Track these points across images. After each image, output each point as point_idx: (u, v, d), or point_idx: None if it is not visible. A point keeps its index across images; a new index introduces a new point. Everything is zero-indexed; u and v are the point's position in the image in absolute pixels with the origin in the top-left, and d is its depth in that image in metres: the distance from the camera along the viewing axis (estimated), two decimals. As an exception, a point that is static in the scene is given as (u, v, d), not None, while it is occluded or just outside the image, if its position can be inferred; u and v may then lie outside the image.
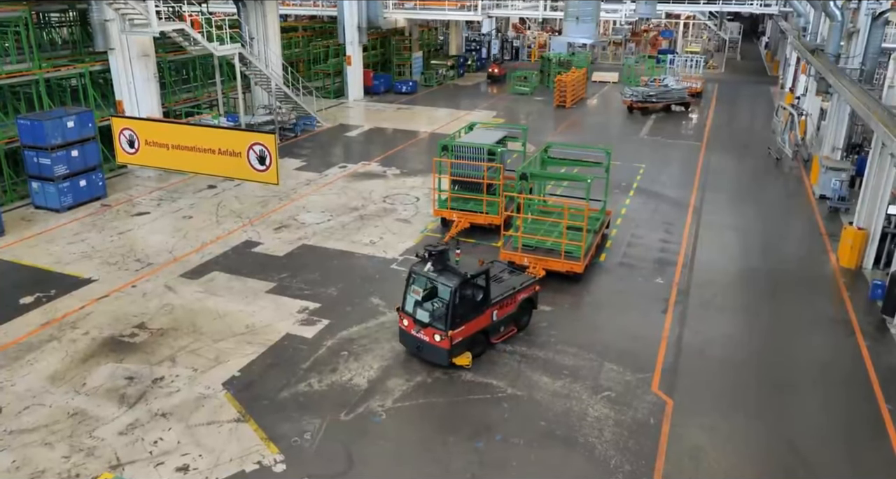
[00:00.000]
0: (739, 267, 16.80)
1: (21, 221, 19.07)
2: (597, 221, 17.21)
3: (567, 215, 15.42)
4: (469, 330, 12.10)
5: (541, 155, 18.07)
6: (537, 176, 17.03)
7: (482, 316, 12.32)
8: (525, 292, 13.22)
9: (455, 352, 11.98)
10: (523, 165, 17.07)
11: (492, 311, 12.49)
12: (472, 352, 12.29)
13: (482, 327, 12.40)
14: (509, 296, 12.82)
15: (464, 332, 11.99)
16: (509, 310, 12.91)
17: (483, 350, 12.63)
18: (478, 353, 12.50)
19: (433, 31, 51.96)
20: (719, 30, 60.42)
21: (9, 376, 11.93)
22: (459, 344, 12.00)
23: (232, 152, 15.98)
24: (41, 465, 9.81)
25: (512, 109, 35.85)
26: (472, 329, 12.18)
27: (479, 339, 12.47)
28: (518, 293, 13.03)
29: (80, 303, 14.52)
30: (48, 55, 23.68)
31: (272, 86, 28.52)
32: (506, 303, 12.78)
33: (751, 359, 12.85)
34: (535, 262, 15.28)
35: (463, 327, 11.93)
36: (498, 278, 13.38)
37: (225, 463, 9.87)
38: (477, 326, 12.26)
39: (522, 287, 13.15)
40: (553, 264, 15.33)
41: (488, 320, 12.47)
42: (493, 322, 12.62)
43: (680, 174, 24.58)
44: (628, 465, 10.00)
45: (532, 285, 13.41)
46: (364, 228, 18.78)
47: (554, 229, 16.40)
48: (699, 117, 34.70)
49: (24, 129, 19.37)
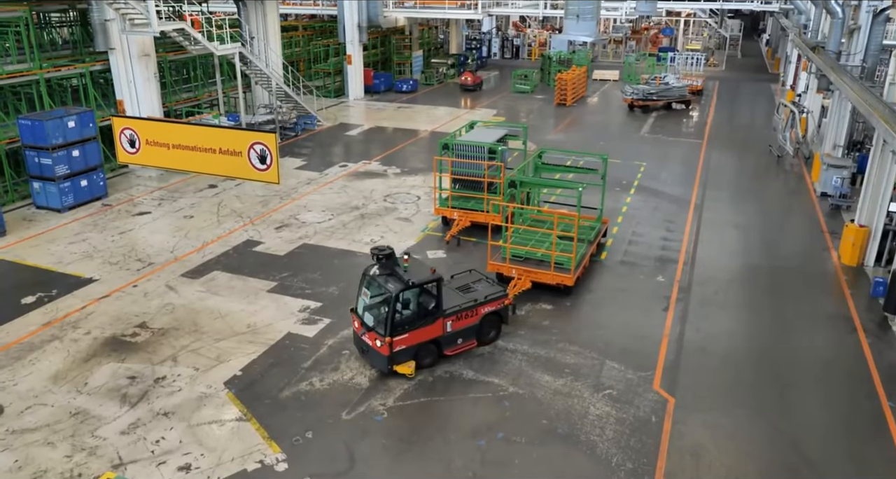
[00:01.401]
0: (741, 264, 16.79)
1: (22, 221, 19.09)
2: (592, 231, 16.72)
3: (556, 225, 14.86)
4: (415, 339, 11.75)
5: (534, 160, 17.44)
6: (528, 183, 16.39)
7: (432, 326, 11.90)
8: (490, 305, 12.61)
9: (396, 359, 11.65)
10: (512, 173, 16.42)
11: (445, 321, 12.06)
12: (420, 361, 11.96)
13: (432, 336, 11.96)
14: (469, 308, 12.34)
15: (408, 340, 11.65)
16: (469, 322, 12.39)
17: (434, 362, 12.21)
18: (428, 364, 12.10)
19: (433, 30, 51.93)
20: (720, 27, 60.35)
21: (11, 375, 11.95)
22: (403, 352, 11.66)
23: (233, 152, 15.99)
24: (43, 465, 9.82)
25: (512, 108, 35.83)
26: (419, 338, 11.80)
27: (428, 349, 12.02)
28: (480, 306, 12.48)
29: (82, 303, 14.53)
30: (49, 55, 23.67)
31: (273, 85, 28.52)
32: (464, 315, 12.30)
33: (752, 356, 12.84)
34: (524, 274, 14.67)
35: (407, 334, 11.61)
36: (467, 287, 12.99)
37: (227, 462, 9.88)
38: (425, 335, 11.87)
39: (486, 300, 12.57)
40: (542, 276, 14.65)
41: (439, 330, 12.02)
42: (447, 333, 12.16)
43: (681, 172, 24.56)
44: (630, 463, 10.00)
45: (499, 299, 12.79)
46: (365, 228, 18.78)
47: (545, 240, 15.68)
48: (700, 115, 34.66)
49: (25, 129, 19.38)
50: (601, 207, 17.45)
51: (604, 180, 17.43)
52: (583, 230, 16.20)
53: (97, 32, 22.52)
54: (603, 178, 17.42)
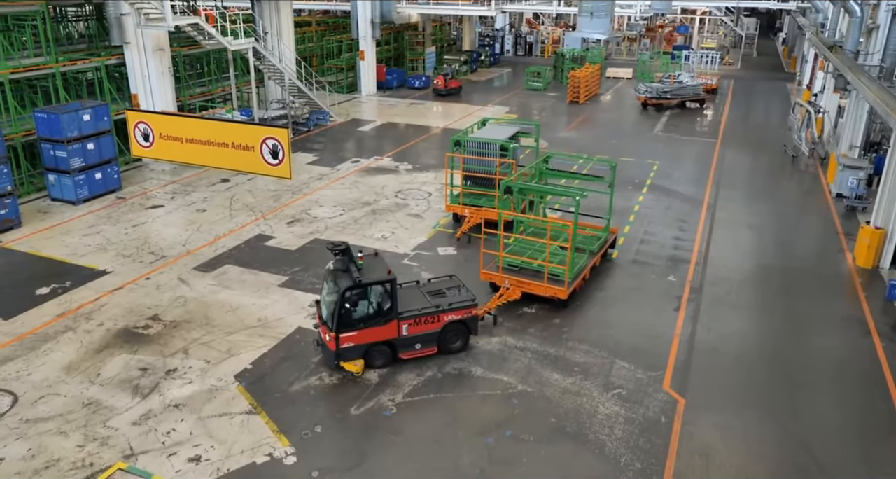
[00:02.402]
0: (753, 265, 16.67)
1: (38, 213, 19.27)
2: (596, 241, 16.03)
3: (550, 234, 14.27)
4: (365, 338, 11.68)
5: (539, 165, 16.80)
6: (527, 189, 15.51)
7: (384, 327, 11.79)
8: (454, 313, 12.22)
9: (344, 355, 11.64)
10: (508, 180, 15.71)
11: (400, 324, 11.91)
12: (371, 362, 11.90)
13: (384, 338, 11.84)
14: (430, 314, 12.07)
15: (357, 338, 11.61)
16: (429, 329, 12.11)
17: (386, 364, 12.06)
18: (380, 365, 12.00)
19: (446, 27, 51.85)
20: (736, 25, 59.85)
21: (25, 365, 12.08)
22: (351, 349, 11.63)
23: (245, 146, 16.06)
24: (56, 453, 9.93)
25: (525, 105, 35.73)
26: (370, 338, 11.72)
27: (381, 350, 11.92)
28: (443, 313, 12.15)
29: (95, 294, 14.66)
30: (65, 49, 23.85)
31: (285, 80, 28.60)
32: (423, 320, 12.05)
33: (764, 357, 12.75)
34: (517, 284, 14.10)
35: (356, 332, 11.58)
36: (439, 292, 12.74)
37: (236, 455, 9.94)
38: (376, 335, 11.77)
39: (450, 308, 12.20)
40: (535, 287, 13.99)
41: (393, 332, 11.88)
42: (403, 337, 11.98)
43: (694, 171, 24.41)
44: (638, 463, 9.97)
45: (466, 309, 12.36)
46: (376, 223, 18.80)
47: (545, 250, 14.74)
48: (714, 114, 34.41)
49: (40, 122, 19.56)
50: (608, 217, 16.64)
51: (612, 188, 16.61)
52: (586, 240, 15.70)
53: (113, 26, 22.66)
54: (611, 185, 16.53)
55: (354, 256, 11.92)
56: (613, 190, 16.71)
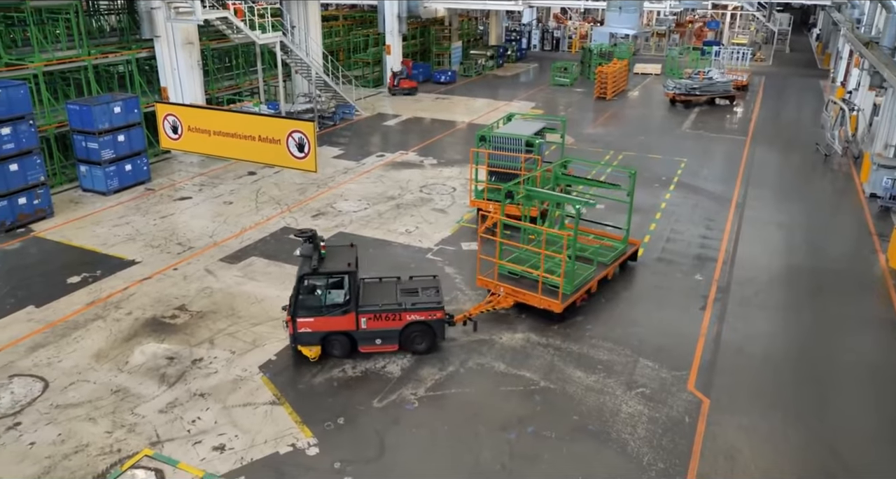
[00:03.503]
0: (783, 265, 16.39)
1: (70, 204, 19.64)
2: (610, 253, 15.20)
3: (545, 242, 13.25)
4: (321, 325, 11.80)
5: (556, 171, 15.85)
6: (534, 195, 14.56)
7: (342, 318, 11.84)
8: (417, 313, 12.00)
9: (301, 339, 11.89)
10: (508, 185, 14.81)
11: (359, 317, 11.90)
12: (328, 350, 12.04)
13: (342, 328, 11.89)
14: (391, 311, 11.95)
15: (314, 325, 11.77)
16: (390, 325, 12.01)
17: (345, 354, 12.11)
18: (338, 355, 12.09)
19: (473, 21, 51.69)
20: (768, 21, 58.75)
21: (56, 352, 12.33)
22: (308, 335, 11.84)
23: (272, 139, 16.16)
24: (85, 439, 10.12)
25: (551, 100, 35.51)
26: (327, 326, 11.82)
27: (340, 340, 11.98)
28: (405, 312, 11.97)
29: (124, 284, 14.91)
30: (97, 42, 24.24)
31: (312, 74, 28.74)
32: (384, 316, 11.96)
33: (792, 359, 12.55)
34: (511, 293, 13.54)
35: (312, 319, 11.75)
36: (413, 291, 12.50)
37: (260, 445, 10.05)
38: (334, 325, 11.84)
39: (412, 308, 11.98)
40: (529, 298, 13.38)
41: (351, 324, 11.90)
42: (362, 330, 11.97)
43: (723, 169, 24.06)
44: (661, 463, 9.88)
45: (429, 311, 12.05)
46: (400, 218, 18.84)
47: (549, 260, 13.97)
48: (744, 111, 33.87)
49: (73, 114, 19.91)
50: (627, 228, 15.71)
51: (631, 197, 15.44)
52: (599, 251, 15.05)
53: (143, 20, 22.96)
54: (630, 194, 15.40)
55: (319, 244, 12.05)
56: (633, 199, 15.58)
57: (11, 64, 20.04)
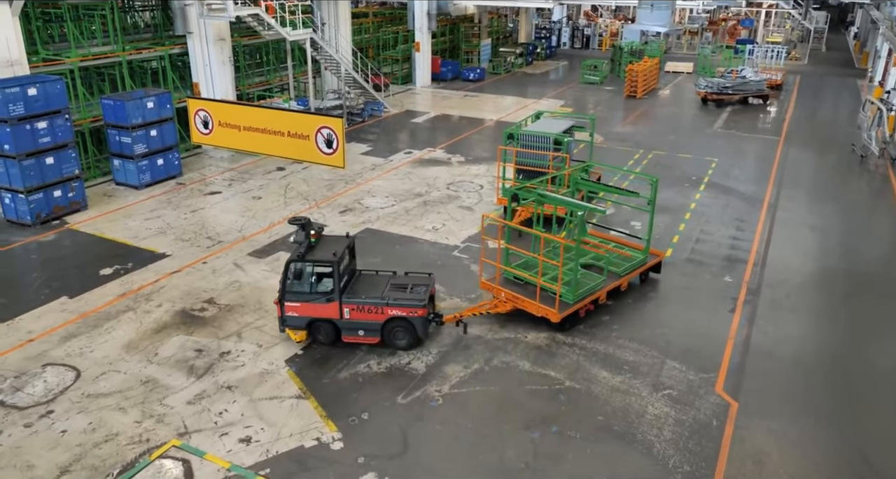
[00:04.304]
0: (816, 267, 16.06)
1: (103, 197, 20.02)
2: (624, 263, 14.45)
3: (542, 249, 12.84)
4: (307, 311, 12.16)
5: (574, 176, 15.45)
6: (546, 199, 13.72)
7: (326, 306, 12.10)
8: (397, 309, 12.04)
9: (287, 322, 12.30)
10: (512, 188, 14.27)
11: (342, 307, 12.09)
12: (314, 336, 12.41)
13: (325, 316, 12.16)
14: (373, 304, 12.08)
15: (300, 310, 12.15)
16: (371, 318, 12.13)
17: (329, 341, 12.39)
18: (322, 341, 12.42)
19: (503, 19, 51.49)
20: (804, 19, 57.58)
21: (88, 342, 12.58)
22: (294, 319, 12.23)
23: (301, 135, 16.30)
24: (115, 428, 10.32)
25: (580, 99, 35.24)
26: (313, 312, 12.15)
27: (325, 327, 12.29)
28: (386, 307, 12.05)
29: (155, 276, 15.15)
30: (131, 38, 24.63)
31: (342, 71, 28.89)
32: (367, 309, 12.10)
33: (823, 363, 12.29)
34: (511, 298, 13.15)
35: (299, 304, 12.12)
36: (402, 286, 12.55)
37: (285, 438, 10.15)
38: (319, 312, 12.14)
39: (394, 303, 12.04)
40: (527, 304, 12.93)
41: (335, 313, 12.12)
42: (345, 320, 12.18)
43: (755, 169, 23.65)
44: (688, 466, 9.75)
45: (410, 308, 12.07)
46: (427, 215, 18.86)
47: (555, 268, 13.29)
48: (778, 111, 33.24)
49: (107, 108, 20.27)
50: (648, 237, 14.97)
51: (652, 206, 14.69)
52: (614, 261, 14.42)
53: (177, 17, 23.29)
54: (651, 203, 14.66)
55: (310, 232, 12.30)
56: (654, 208, 14.81)
57: (49, 59, 20.48)
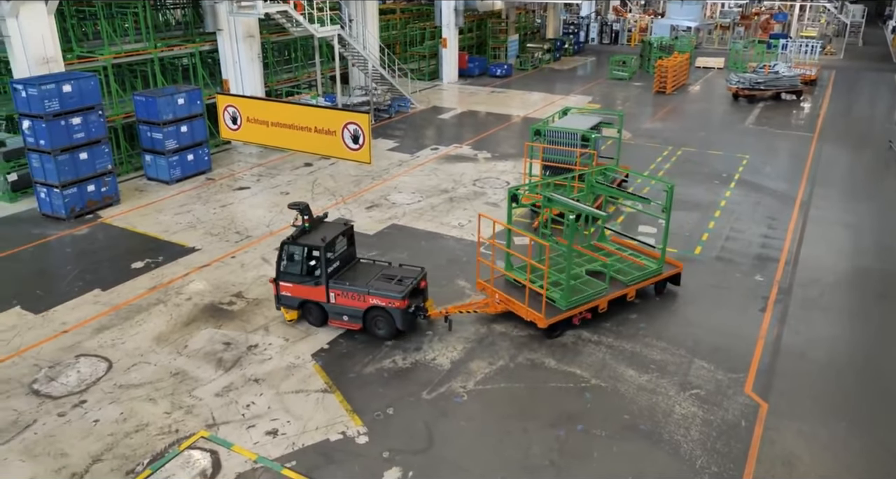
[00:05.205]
0: (850, 266, 15.71)
1: (135, 192, 20.37)
2: (636, 271, 13.80)
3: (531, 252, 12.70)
4: (298, 292, 12.77)
5: (590, 179, 14.84)
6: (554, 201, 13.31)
7: (315, 289, 12.62)
8: (378, 299, 12.25)
9: (282, 301, 13.00)
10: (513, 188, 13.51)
11: (329, 291, 12.54)
12: (305, 316, 12.99)
13: (313, 298, 12.70)
14: (355, 292, 12.38)
15: (292, 290, 12.80)
16: (353, 305, 12.44)
17: (317, 323, 12.91)
18: (311, 322, 12.97)
19: (530, 14, 51.19)
20: (840, 13, 56.28)
21: (120, 334, 12.82)
22: (287, 299, 12.91)
23: (327, 131, 16.36)
24: (145, 419, 10.50)
25: (609, 95, 34.90)
26: (303, 294, 12.75)
27: (314, 309, 12.83)
28: (367, 295, 12.32)
29: (185, 270, 15.38)
30: (163, 36, 25.01)
31: (369, 67, 28.98)
32: (350, 295, 12.42)
33: (857, 365, 12.02)
34: (504, 300, 12.97)
35: (291, 285, 12.76)
36: (390, 277, 12.73)
37: (311, 431, 10.23)
38: (308, 294, 12.71)
39: (375, 292, 12.26)
40: (517, 307, 12.72)
41: (322, 296, 12.61)
42: (330, 304, 12.63)
43: (787, 166, 23.20)
44: (715, 466, 9.62)
45: (389, 298, 12.14)
46: (453, 211, 18.85)
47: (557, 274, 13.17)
48: (812, 107, 32.57)
49: (139, 105, 20.60)
50: (663, 247, 14.09)
51: (668, 213, 13.74)
52: (624, 269, 13.87)
53: (207, 14, 23.57)
54: (665, 210, 13.73)
55: (304, 217, 12.82)
56: (669, 216, 13.85)
57: (83, 56, 20.87)
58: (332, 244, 12.55)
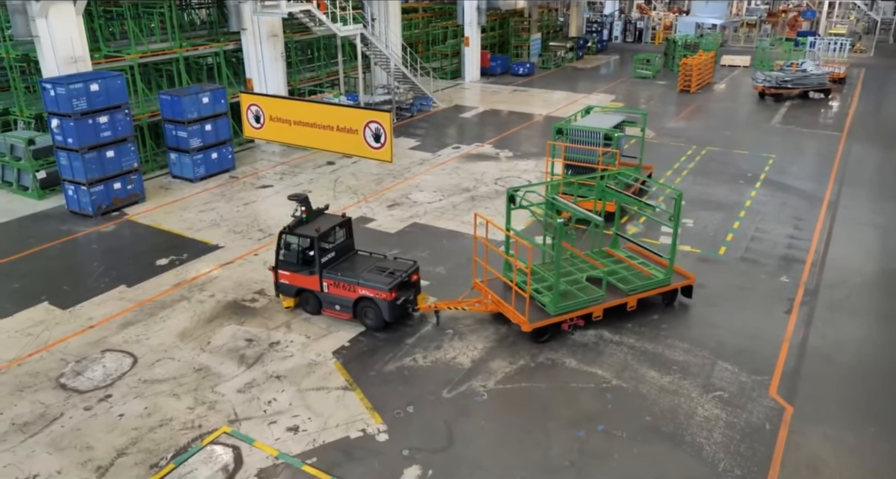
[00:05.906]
0: (878, 268, 15.41)
1: (160, 189, 20.64)
2: (640, 280, 13.37)
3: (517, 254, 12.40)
4: (295, 280, 13.20)
5: (599, 184, 14.53)
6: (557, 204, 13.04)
7: (309, 278, 13.01)
8: (367, 289, 12.50)
9: (280, 289, 13.48)
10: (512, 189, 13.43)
11: (322, 281, 12.89)
12: (302, 305, 13.38)
13: (308, 287, 13.09)
14: (346, 282, 12.72)
15: (290, 279, 13.24)
16: (344, 295, 12.80)
17: (313, 311, 13.28)
18: (309, 311, 13.33)
19: (553, 13, 50.94)
20: (870, 9, 55.19)
21: (144, 330, 13.00)
22: (285, 286, 13.36)
23: (349, 129, 16.42)
24: (169, 413, 10.64)
25: (632, 93, 34.61)
26: (299, 282, 13.16)
27: (310, 297, 13.21)
28: (356, 286, 12.60)
29: (208, 267, 15.54)
30: (188, 35, 25.30)
31: (391, 66, 29.05)
32: (342, 285, 12.78)
33: (885, 368, 11.78)
34: (496, 301, 12.82)
35: (289, 273, 13.20)
36: (381, 269, 12.92)
37: (332, 428, 10.29)
38: (304, 282, 13.11)
39: (364, 283, 12.51)
40: (505, 309, 12.54)
41: (316, 285, 12.98)
42: (324, 293, 13.00)
43: (814, 166, 22.82)
44: (738, 470, 9.49)
45: (377, 289, 12.35)
46: (475, 209, 18.81)
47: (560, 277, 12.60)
48: (840, 105, 31.99)
49: (164, 103, 20.87)
50: (671, 257, 13.50)
51: (676, 221, 13.11)
52: (625, 277, 13.48)
53: (231, 14, 23.78)
54: (673, 219, 13.17)
55: (300, 208, 13.15)
56: (678, 225, 13.27)
57: (110, 56, 21.19)
58: (326, 235, 12.94)
